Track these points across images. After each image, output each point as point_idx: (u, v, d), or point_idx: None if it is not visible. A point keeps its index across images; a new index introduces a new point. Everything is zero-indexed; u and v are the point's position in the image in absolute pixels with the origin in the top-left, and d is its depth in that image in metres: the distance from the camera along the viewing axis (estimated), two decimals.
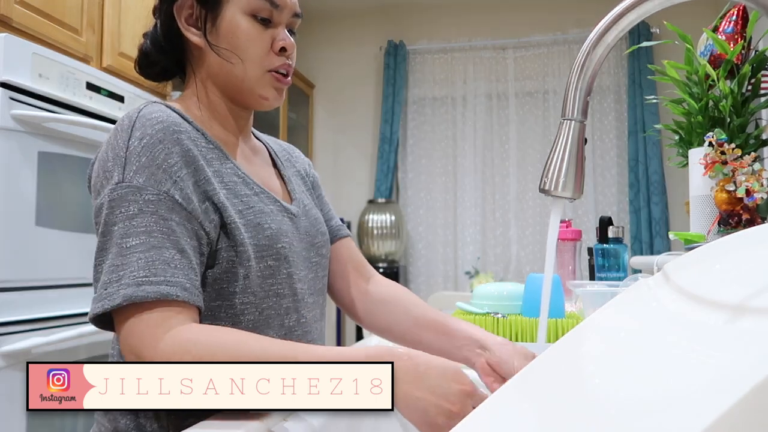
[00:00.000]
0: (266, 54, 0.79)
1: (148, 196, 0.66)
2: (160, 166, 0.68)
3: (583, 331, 0.41)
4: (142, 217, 0.65)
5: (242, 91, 0.81)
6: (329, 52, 4.35)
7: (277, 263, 0.77)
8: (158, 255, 0.64)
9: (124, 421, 0.73)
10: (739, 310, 0.30)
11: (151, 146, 0.68)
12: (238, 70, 0.79)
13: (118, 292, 0.63)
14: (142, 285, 0.63)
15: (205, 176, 0.72)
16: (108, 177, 0.68)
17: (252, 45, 0.78)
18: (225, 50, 0.78)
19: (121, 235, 0.65)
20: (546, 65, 4.04)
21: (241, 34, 0.78)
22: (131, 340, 0.63)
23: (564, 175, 0.54)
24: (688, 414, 0.24)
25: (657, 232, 3.74)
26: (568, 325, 1.03)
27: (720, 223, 1.28)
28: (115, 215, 0.66)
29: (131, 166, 0.67)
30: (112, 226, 0.66)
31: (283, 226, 0.80)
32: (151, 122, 0.70)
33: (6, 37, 1.57)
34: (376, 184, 4.15)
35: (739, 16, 1.45)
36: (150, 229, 0.65)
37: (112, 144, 0.70)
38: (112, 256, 0.65)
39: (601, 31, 0.52)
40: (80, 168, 1.78)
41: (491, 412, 0.36)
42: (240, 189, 0.77)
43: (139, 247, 0.64)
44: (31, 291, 1.60)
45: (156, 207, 0.66)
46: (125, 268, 0.64)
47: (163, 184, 0.67)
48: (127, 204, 0.66)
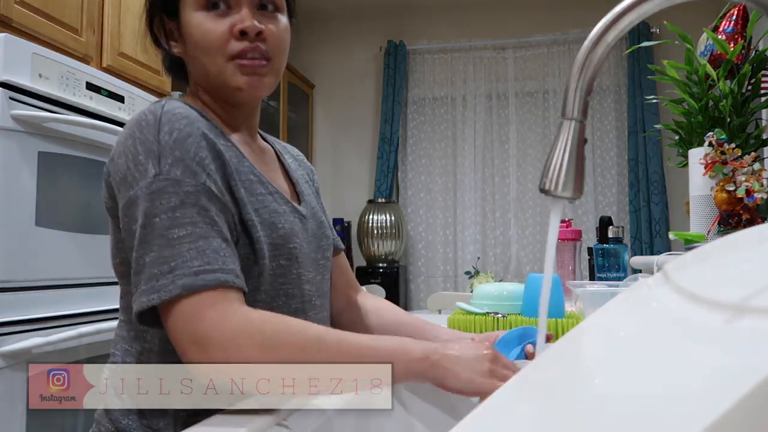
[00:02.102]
0: (225, 42, 0.76)
1: (187, 188, 0.66)
2: (193, 159, 0.68)
3: (583, 331, 0.41)
4: (185, 209, 0.65)
5: (218, 87, 0.80)
6: (329, 52, 4.35)
7: (289, 263, 0.78)
8: (207, 244, 0.65)
9: (126, 421, 0.73)
10: (739, 310, 0.30)
11: (182, 140, 0.68)
12: (207, 67, 0.78)
13: (174, 283, 0.62)
14: (200, 274, 0.63)
15: (230, 171, 0.73)
16: (142, 170, 0.67)
17: (207, 36, 0.76)
18: (193, 52, 0.78)
19: (165, 227, 0.65)
20: (546, 65, 4.04)
21: (194, 30, 0.77)
22: (195, 326, 0.62)
23: (564, 175, 0.54)
24: (688, 414, 0.24)
25: (657, 232, 3.74)
26: (568, 325, 1.03)
27: (720, 223, 1.28)
28: (156, 207, 0.65)
29: (166, 159, 0.67)
30: (153, 218, 0.65)
31: (294, 226, 0.80)
32: (177, 117, 0.70)
33: (6, 37, 1.56)
34: (376, 184, 4.15)
35: (739, 16, 1.45)
36: (194, 220, 0.65)
37: (139, 138, 0.69)
38: (158, 248, 0.64)
39: (601, 31, 0.52)
40: (80, 168, 1.78)
41: (491, 412, 0.36)
42: (256, 187, 0.77)
43: (186, 238, 0.64)
44: (31, 291, 1.60)
45: (196, 198, 0.66)
46: (176, 259, 0.63)
47: (199, 176, 0.68)
48: (168, 196, 0.65)
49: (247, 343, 0.61)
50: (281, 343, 0.63)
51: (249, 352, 0.61)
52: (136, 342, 0.76)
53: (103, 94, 1.90)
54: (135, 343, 0.76)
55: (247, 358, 0.61)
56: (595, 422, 0.28)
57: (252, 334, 0.62)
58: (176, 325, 0.63)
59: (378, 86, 4.29)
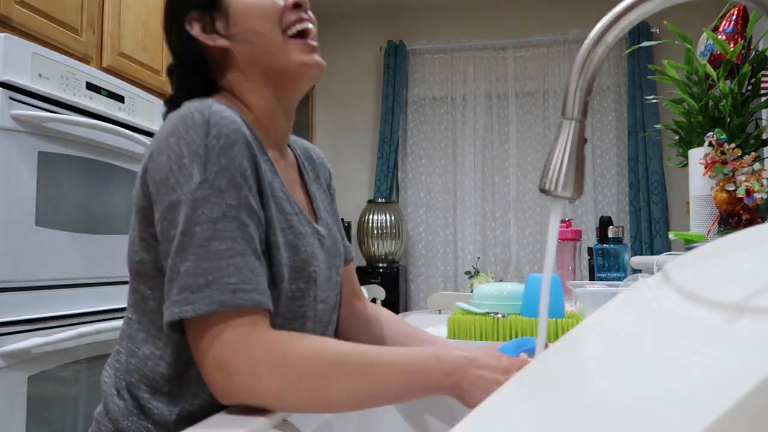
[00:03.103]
0: (281, 14, 0.77)
1: (230, 200, 0.65)
2: (238, 170, 0.66)
3: (583, 331, 0.41)
4: (226, 222, 0.64)
5: (282, 67, 0.78)
6: (329, 52, 4.34)
7: (307, 286, 0.76)
8: (244, 262, 0.63)
9: (125, 422, 0.73)
10: (739, 310, 0.30)
11: (229, 147, 0.66)
12: (266, 45, 0.77)
13: (212, 298, 0.61)
14: (237, 292, 0.61)
15: (264, 186, 0.71)
16: (186, 174, 0.65)
17: (264, 13, 0.76)
18: (246, 35, 0.77)
19: (205, 238, 0.63)
20: (546, 65, 4.04)
21: (249, 9, 0.76)
22: (220, 351, 0.61)
23: (564, 175, 0.54)
24: (688, 414, 0.24)
25: (657, 232, 3.74)
26: (568, 325, 1.03)
27: (720, 223, 1.28)
28: (198, 216, 0.63)
29: (212, 166, 0.65)
30: (193, 226, 0.63)
31: (315, 249, 0.79)
32: (225, 121, 0.67)
33: (6, 37, 1.56)
34: (376, 184, 4.16)
35: (739, 16, 1.45)
36: (234, 235, 0.64)
37: (185, 139, 0.66)
38: (195, 259, 0.62)
39: (601, 31, 0.52)
40: (80, 168, 1.78)
41: (491, 412, 0.36)
42: (285, 206, 0.75)
43: (225, 253, 0.63)
44: (31, 291, 1.60)
45: (237, 212, 0.65)
46: (214, 273, 0.62)
47: (242, 189, 0.66)
48: (211, 206, 0.63)
49: (267, 373, 0.60)
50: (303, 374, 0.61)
51: (268, 382, 0.60)
52: (146, 345, 0.73)
53: (103, 94, 1.90)
54: (144, 345, 0.73)
55: (268, 388, 0.60)
56: (595, 422, 0.28)
57: (273, 363, 0.60)
58: (202, 345, 0.62)
59: (378, 86, 4.30)
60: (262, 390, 0.60)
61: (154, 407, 0.71)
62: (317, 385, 0.61)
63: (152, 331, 0.73)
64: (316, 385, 0.61)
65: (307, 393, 0.61)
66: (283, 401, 0.61)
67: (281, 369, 0.60)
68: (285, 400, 0.61)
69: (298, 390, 0.60)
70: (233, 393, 0.61)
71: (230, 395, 0.61)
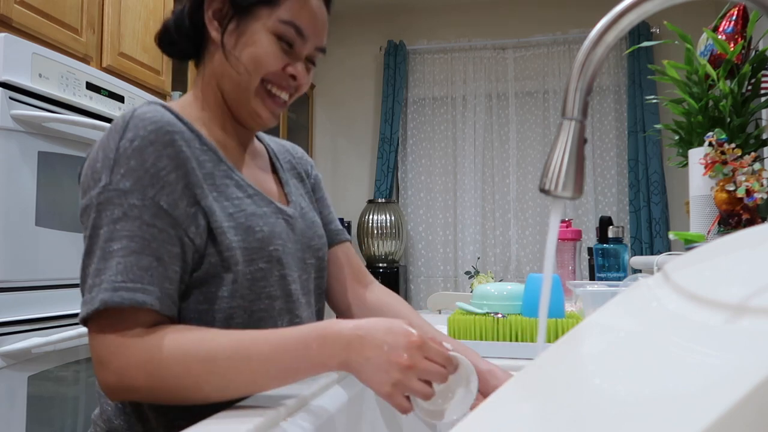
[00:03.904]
0: (275, 74, 0.79)
1: (134, 200, 0.66)
2: (148, 171, 0.67)
3: (583, 331, 0.41)
4: (126, 222, 0.65)
5: (237, 103, 0.81)
6: (329, 52, 4.32)
7: (269, 265, 0.77)
8: (137, 261, 0.65)
9: (117, 422, 0.74)
10: (739, 310, 0.30)
11: (142, 149, 0.68)
12: (240, 81, 0.79)
13: (97, 297, 0.63)
14: (119, 291, 0.63)
15: (196, 179, 0.72)
16: (96, 179, 0.68)
17: (267, 61, 0.78)
18: (235, 57, 0.78)
19: (105, 239, 0.65)
20: (546, 65, 4.04)
21: (260, 48, 0.77)
22: (98, 347, 0.64)
23: (564, 175, 0.54)
24: (688, 414, 0.24)
25: (657, 232, 3.74)
26: (568, 325, 1.03)
27: (720, 223, 1.28)
28: (101, 218, 0.66)
29: (119, 168, 0.67)
30: (98, 229, 0.66)
31: (276, 228, 0.79)
32: (144, 123, 0.69)
33: (6, 37, 1.56)
34: (376, 184, 4.16)
35: (739, 16, 1.45)
36: (132, 234, 0.65)
37: (103, 144, 0.70)
38: (96, 260, 0.65)
39: (601, 31, 0.52)
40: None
41: (491, 412, 0.36)
42: (232, 192, 0.76)
43: (120, 252, 0.64)
44: (31, 291, 1.60)
45: (140, 212, 0.66)
46: (106, 272, 0.64)
47: (149, 190, 0.67)
48: (113, 207, 0.66)
49: (137, 373, 0.62)
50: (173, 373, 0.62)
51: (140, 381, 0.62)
52: None
53: (103, 94, 1.90)
54: None
55: (142, 387, 0.62)
56: (595, 422, 0.28)
57: (142, 362, 0.62)
58: (91, 344, 0.65)
59: (378, 86, 4.30)
60: (137, 389, 0.63)
61: (148, 404, 0.72)
62: (190, 383, 0.62)
63: None
64: (189, 383, 0.62)
65: (180, 390, 0.63)
66: (158, 399, 0.64)
67: (152, 369, 0.62)
68: (160, 398, 0.64)
69: (170, 388, 0.62)
70: (113, 391, 0.64)
71: (111, 393, 0.64)
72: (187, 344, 0.63)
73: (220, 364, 0.62)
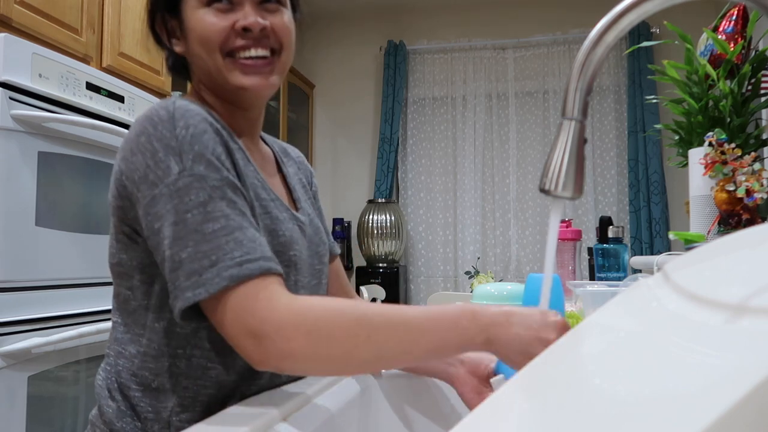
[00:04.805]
0: (225, 38, 0.75)
1: (213, 182, 0.66)
2: (213, 154, 0.68)
3: (583, 331, 0.41)
4: (214, 203, 0.65)
5: (220, 86, 0.78)
6: (329, 52, 4.35)
7: (287, 270, 0.77)
8: (243, 235, 0.64)
9: (120, 424, 0.73)
10: (739, 310, 0.30)
11: (200, 135, 0.68)
12: (208, 64, 0.76)
13: (221, 275, 0.62)
14: (244, 264, 0.62)
15: (239, 171, 0.73)
16: (163, 167, 0.66)
17: (207, 32, 0.74)
18: (191, 51, 0.77)
19: (198, 222, 0.64)
20: (546, 65, 4.04)
21: (197, 25, 0.75)
22: (248, 319, 0.61)
23: (564, 175, 0.54)
24: (688, 414, 0.24)
25: (657, 232, 3.74)
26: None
27: (720, 223, 1.28)
28: (186, 204, 0.65)
29: (187, 155, 0.66)
30: (184, 214, 0.64)
31: (294, 234, 0.79)
32: (190, 113, 0.69)
33: (6, 37, 1.56)
34: (376, 184, 4.15)
35: (739, 16, 1.45)
36: (226, 213, 0.65)
37: (155, 135, 0.68)
38: (194, 244, 0.63)
39: (601, 31, 0.52)
40: (80, 168, 1.78)
41: (491, 412, 0.36)
42: (260, 192, 0.76)
43: (221, 231, 0.64)
44: (31, 291, 1.60)
45: (223, 192, 0.66)
46: (216, 252, 0.63)
47: (221, 171, 0.67)
48: (196, 191, 0.65)
49: (294, 334, 0.60)
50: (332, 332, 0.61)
51: (297, 342, 0.60)
52: (132, 345, 0.75)
53: (103, 94, 1.90)
54: (130, 345, 0.75)
55: (298, 348, 0.60)
56: (595, 422, 0.28)
57: (297, 323, 0.60)
58: (227, 318, 0.62)
59: (378, 86, 4.30)
60: (293, 351, 0.60)
61: (148, 405, 0.72)
62: (350, 344, 0.60)
63: (136, 330, 0.74)
64: (349, 344, 0.60)
65: (338, 351, 0.61)
66: (315, 362, 0.61)
67: (309, 328, 0.60)
68: (317, 361, 0.61)
69: (328, 348, 0.60)
70: (267, 358, 0.61)
71: (264, 361, 0.61)
72: (341, 306, 0.63)
73: (379, 329, 0.61)
